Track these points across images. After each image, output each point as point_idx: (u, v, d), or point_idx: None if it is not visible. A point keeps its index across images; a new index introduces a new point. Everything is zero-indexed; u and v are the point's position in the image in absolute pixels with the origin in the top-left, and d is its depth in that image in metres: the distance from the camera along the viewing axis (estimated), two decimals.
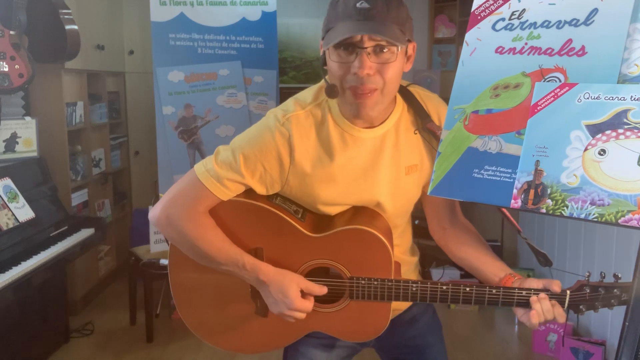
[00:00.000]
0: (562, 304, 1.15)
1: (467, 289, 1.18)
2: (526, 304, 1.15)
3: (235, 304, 1.29)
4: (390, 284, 1.20)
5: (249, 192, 1.23)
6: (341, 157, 1.21)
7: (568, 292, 1.15)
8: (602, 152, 0.96)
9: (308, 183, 1.22)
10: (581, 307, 1.15)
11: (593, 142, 0.97)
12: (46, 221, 2.74)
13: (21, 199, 2.61)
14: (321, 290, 1.21)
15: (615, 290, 1.13)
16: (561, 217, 0.99)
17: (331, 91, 1.14)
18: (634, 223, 0.91)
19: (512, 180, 1.04)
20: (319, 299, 1.24)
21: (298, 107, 1.22)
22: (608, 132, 0.96)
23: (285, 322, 1.24)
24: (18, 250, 2.45)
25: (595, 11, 1.05)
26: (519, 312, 1.18)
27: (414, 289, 1.20)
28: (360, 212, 1.26)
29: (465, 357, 2.93)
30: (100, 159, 3.83)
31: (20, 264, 2.37)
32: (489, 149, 1.10)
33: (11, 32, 2.61)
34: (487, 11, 1.19)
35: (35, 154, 2.94)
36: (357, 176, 1.23)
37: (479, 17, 1.20)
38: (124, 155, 4.24)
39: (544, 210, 0.99)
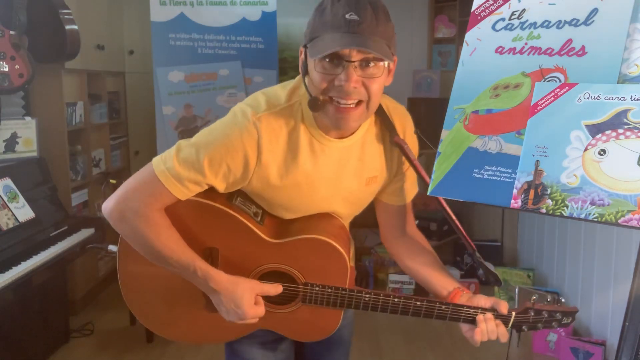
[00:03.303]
0: (506, 323, 1.20)
1: (418, 302, 1.20)
2: (472, 321, 1.19)
3: (184, 297, 1.26)
4: (344, 292, 1.21)
5: (208, 190, 1.19)
6: (307, 165, 1.18)
7: (513, 313, 1.20)
8: (602, 152, 0.96)
9: (270, 187, 1.19)
10: (523, 327, 1.23)
11: (593, 142, 0.97)
12: (46, 221, 2.74)
13: (21, 199, 2.61)
14: (276, 290, 1.20)
15: (557, 314, 1.21)
16: (561, 217, 0.99)
17: (314, 104, 1.10)
18: (634, 223, 0.91)
19: (512, 180, 1.04)
20: (271, 300, 1.23)
21: (270, 107, 1.16)
22: (608, 132, 0.96)
23: None
24: (18, 250, 2.45)
25: (595, 11, 1.05)
26: (465, 327, 1.22)
27: (366, 299, 1.21)
28: (318, 215, 1.27)
29: (465, 357, 2.94)
30: (100, 159, 3.83)
31: (20, 264, 2.37)
32: (489, 149, 1.10)
33: (11, 32, 2.61)
34: (487, 11, 1.19)
35: (35, 154, 2.94)
36: (321, 185, 1.22)
37: (479, 17, 1.20)
38: (124, 155, 4.24)
39: (544, 210, 0.99)
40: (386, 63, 1.09)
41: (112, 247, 2.93)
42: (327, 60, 1.07)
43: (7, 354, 2.54)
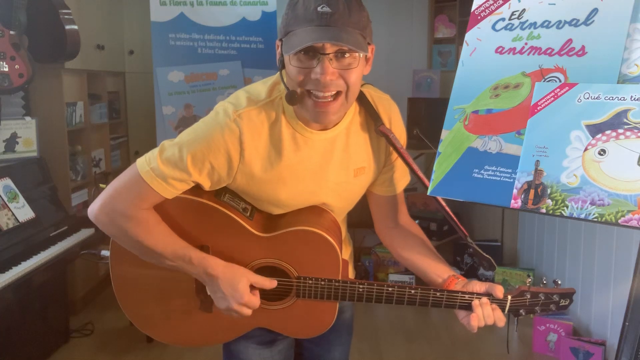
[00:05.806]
0: (502, 308, 1.18)
1: (412, 291, 1.19)
2: (468, 307, 1.18)
3: (178, 299, 1.26)
4: (337, 284, 1.21)
5: (195, 188, 1.19)
6: (291, 158, 1.18)
7: (509, 297, 1.19)
8: (602, 152, 0.96)
9: (255, 183, 1.19)
10: (521, 311, 1.21)
11: (593, 142, 0.97)
12: (46, 221, 2.74)
13: (21, 199, 2.61)
14: (271, 283, 1.20)
15: (554, 295, 1.20)
16: (561, 217, 1.00)
17: (291, 98, 1.11)
18: (634, 223, 0.91)
19: (512, 180, 1.04)
20: (265, 297, 1.23)
21: (251, 103, 1.16)
22: (608, 132, 0.96)
23: (230, 317, 1.23)
24: (18, 250, 2.45)
25: (595, 11, 1.05)
26: (461, 314, 1.20)
27: (360, 289, 1.20)
28: (308, 209, 1.26)
29: (465, 357, 2.94)
30: (100, 159, 3.83)
31: (20, 264, 2.37)
32: (489, 149, 1.10)
33: (11, 32, 2.61)
34: (487, 11, 1.19)
35: (35, 154, 2.94)
36: (306, 178, 1.21)
37: (479, 17, 1.20)
38: (124, 155, 4.24)
39: (544, 210, 0.99)
40: (362, 54, 1.09)
41: (105, 252, 2.92)
42: (303, 53, 1.07)
43: (7, 354, 2.54)
